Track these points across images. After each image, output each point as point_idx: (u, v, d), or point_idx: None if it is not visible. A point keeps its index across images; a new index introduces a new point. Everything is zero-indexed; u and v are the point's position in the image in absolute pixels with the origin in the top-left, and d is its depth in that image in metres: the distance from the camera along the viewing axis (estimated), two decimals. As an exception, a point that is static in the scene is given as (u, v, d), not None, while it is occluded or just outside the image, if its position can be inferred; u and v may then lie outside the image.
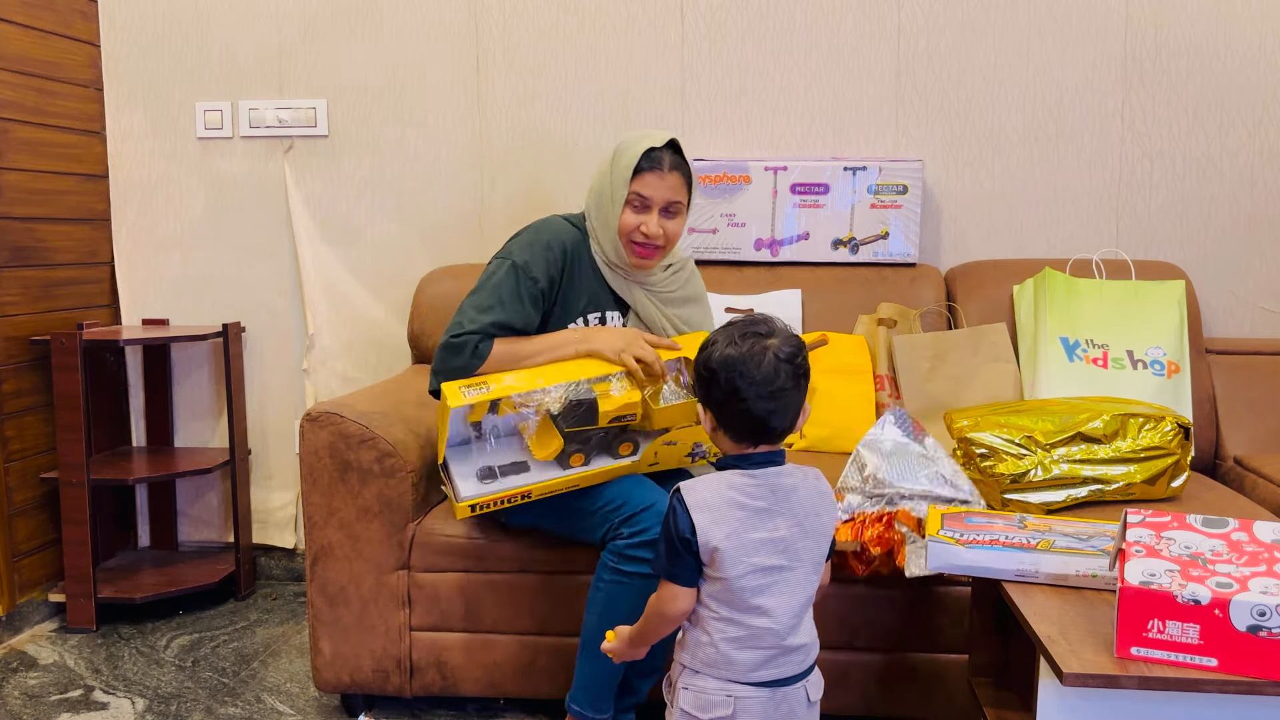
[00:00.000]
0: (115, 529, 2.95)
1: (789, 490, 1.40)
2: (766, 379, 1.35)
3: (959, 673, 1.96)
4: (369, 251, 2.90)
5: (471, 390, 1.78)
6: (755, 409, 1.36)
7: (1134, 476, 2.02)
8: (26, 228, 2.66)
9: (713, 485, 1.39)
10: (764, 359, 1.36)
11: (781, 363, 1.36)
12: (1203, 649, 1.20)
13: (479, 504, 1.83)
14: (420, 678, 2.09)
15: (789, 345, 1.38)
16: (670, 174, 1.91)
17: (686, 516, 1.36)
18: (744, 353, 1.36)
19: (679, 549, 1.37)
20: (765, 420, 1.37)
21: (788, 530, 1.39)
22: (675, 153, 1.93)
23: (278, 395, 2.96)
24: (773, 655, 1.39)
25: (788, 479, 1.40)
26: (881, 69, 2.74)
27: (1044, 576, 1.45)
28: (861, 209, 2.65)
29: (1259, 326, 2.71)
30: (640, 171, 1.90)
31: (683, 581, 1.39)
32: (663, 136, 1.92)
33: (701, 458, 1.91)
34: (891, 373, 2.52)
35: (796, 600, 1.40)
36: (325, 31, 2.86)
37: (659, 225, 1.92)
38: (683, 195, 1.94)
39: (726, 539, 1.35)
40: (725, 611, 1.38)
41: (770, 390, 1.35)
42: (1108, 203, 2.72)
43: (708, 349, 1.40)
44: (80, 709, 2.21)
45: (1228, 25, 2.65)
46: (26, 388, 2.66)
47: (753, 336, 1.38)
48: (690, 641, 1.43)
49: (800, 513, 1.40)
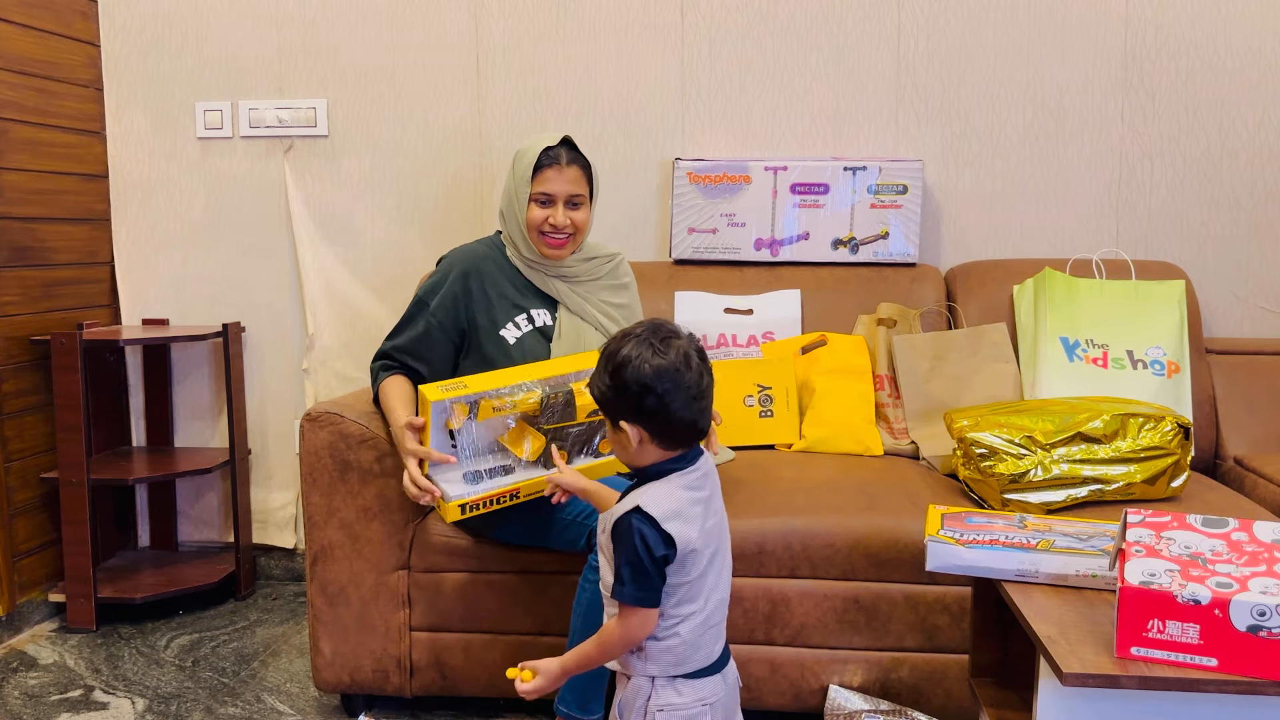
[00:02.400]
0: (115, 529, 2.95)
1: (714, 472, 1.47)
2: (695, 379, 1.38)
3: (959, 673, 1.96)
4: (369, 251, 2.90)
5: (448, 389, 1.80)
6: (688, 413, 1.38)
7: (1134, 476, 2.02)
8: (26, 228, 2.66)
9: (670, 494, 1.39)
10: (691, 361, 1.38)
11: (699, 360, 1.39)
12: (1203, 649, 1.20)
13: (468, 504, 1.81)
14: (420, 678, 2.09)
15: (694, 341, 1.42)
16: (569, 168, 2.02)
17: (659, 533, 1.35)
18: (672, 360, 1.37)
19: (651, 570, 1.36)
20: (696, 422, 1.40)
21: (719, 511, 1.47)
22: (571, 149, 2.05)
23: (278, 395, 2.96)
24: (720, 627, 1.46)
25: (710, 462, 1.47)
26: (881, 69, 2.74)
27: (1044, 576, 1.45)
28: (861, 209, 2.65)
29: (1259, 326, 2.71)
30: (540, 169, 2.02)
31: (652, 604, 1.39)
32: (557, 136, 2.05)
33: None
34: (891, 373, 2.52)
35: (728, 570, 1.48)
36: (325, 31, 2.86)
37: (565, 216, 2.03)
38: (583, 188, 2.05)
39: (699, 537, 1.39)
40: (688, 608, 1.41)
41: (700, 390, 1.38)
42: (1108, 203, 2.72)
43: (631, 364, 1.37)
44: (80, 709, 2.21)
45: (1228, 25, 2.65)
46: (26, 388, 2.66)
47: (666, 338, 1.38)
48: (655, 651, 1.42)
49: (719, 492, 1.48)
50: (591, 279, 2.13)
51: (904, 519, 1.98)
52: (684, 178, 2.69)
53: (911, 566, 1.95)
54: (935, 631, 1.97)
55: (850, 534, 1.97)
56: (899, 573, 1.96)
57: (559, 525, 1.91)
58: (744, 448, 2.43)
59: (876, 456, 2.40)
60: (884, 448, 2.43)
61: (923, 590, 1.97)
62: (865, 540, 1.97)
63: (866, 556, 1.97)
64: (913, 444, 2.42)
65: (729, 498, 2.04)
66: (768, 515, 2.01)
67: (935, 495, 2.09)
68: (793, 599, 1.99)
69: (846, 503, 2.04)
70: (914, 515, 1.98)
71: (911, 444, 2.42)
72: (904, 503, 2.04)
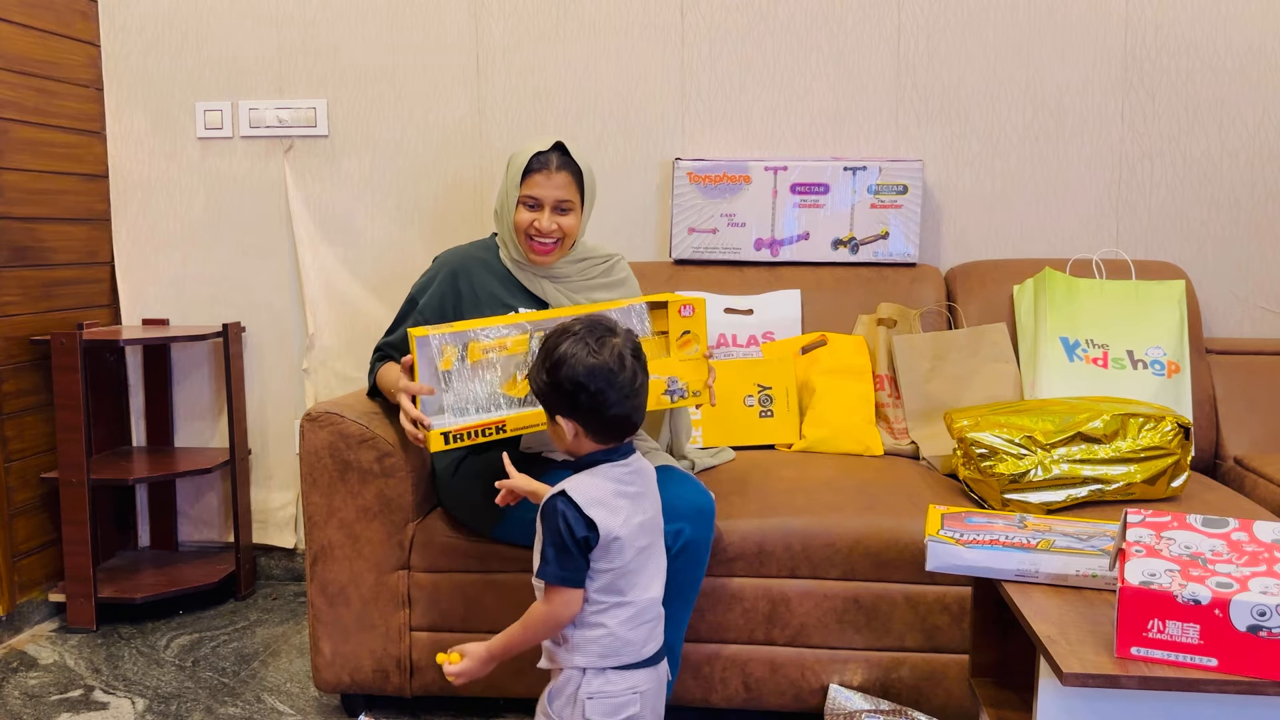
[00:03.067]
0: (115, 529, 2.95)
1: (647, 471, 1.52)
2: (629, 379, 1.44)
3: (959, 673, 1.96)
4: (369, 251, 2.90)
5: (435, 328, 1.84)
6: (621, 409, 1.44)
7: (1134, 476, 2.02)
8: (26, 228, 2.66)
9: (596, 482, 1.45)
10: (625, 361, 1.43)
11: (634, 359, 1.45)
12: (1203, 649, 1.20)
13: (452, 433, 1.79)
14: (420, 678, 2.09)
15: (630, 340, 1.47)
16: (558, 173, 2.02)
17: (581, 516, 1.41)
18: (605, 359, 1.42)
19: (573, 551, 1.41)
20: (630, 417, 1.46)
21: (653, 508, 1.51)
22: (562, 154, 2.04)
23: (278, 395, 2.96)
24: (654, 625, 1.50)
25: (642, 460, 1.52)
26: (881, 69, 2.74)
27: (1044, 576, 1.45)
28: (861, 209, 2.65)
29: (1259, 326, 2.71)
30: (529, 173, 2.03)
31: (576, 583, 1.43)
32: (550, 140, 2.05)
33: (681, 396, 1.93)
34: (891, 373, 2.52)
35: (662, 570, 1.53)
36: (325, 31, 2.86)
37: (552, 221, 2.03)
38: (572, 194, 2.04)
39: (623, 526, 1.43)
40: (614, 599, 1.46)
41: (633, 388, 1.44)
42: (1108, 203, 2.72)
43: (567, 363, 1.43)
44: (80, 709, 2.21)
45: (1228, 25, 2.65)
46: (26, 388, 2.66)
47: (601, 337, 1.44)
48: (580, 640, 1.45)
49: (653, 488, 1.52)
50: (582, 279, 2.13)
51: (904, 519, 1.98)
52: (684, 178, 2.69)
53: (911, 566, 1.95)
54: (935, 631, 1.97)
55: (850, 534, 1.97)
56: (899, 573, 1.96)
57: None
58: (744, 448, 2.43)
59: (876, 456, 2.40)
60: (884, 448, 2.43)
61: (923, 590, 1.97)
62: (865, 540, 1.97)
63: (867, 556, 1.97)
64: (913, 444, 2.42)
65: (729, 498, 2.05)
66: (768, 515, 2.01)
67: (935, 495, 2.09)
68: (793, 599, 1.99)
69: (846, 503, 2.04)
70: (914, 515, 1.98)
71: (911, 444, 2.43)
72: (904, 503, 2.04)
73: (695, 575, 1.90)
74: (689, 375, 1.92)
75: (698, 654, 2.01)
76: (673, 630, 1.91)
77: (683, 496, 1.89)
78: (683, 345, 1.91)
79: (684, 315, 1.91)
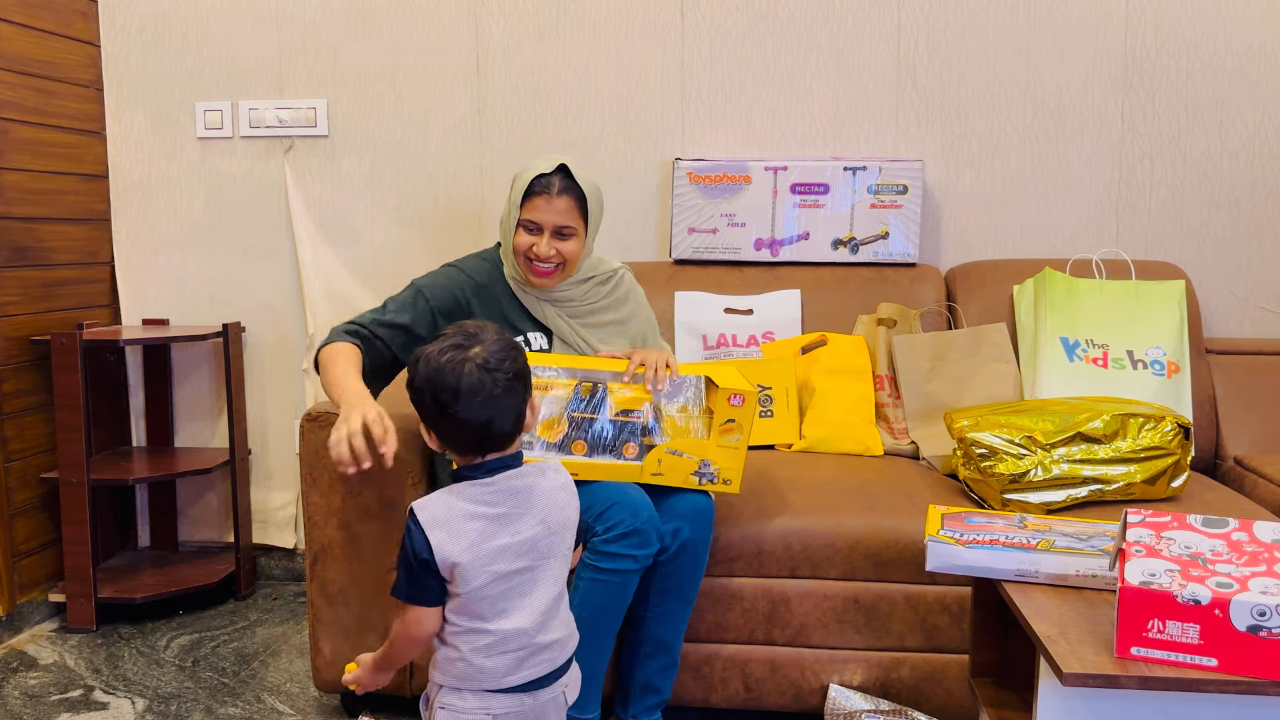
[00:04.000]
0: (115, 529, 2.95)
1: (528, 490, 1.39)
2: (471, 390, 1.34)
3: (959, 673, 1.96)
4: (369, 251, 2.90)
5: None
6: (471, 419, 1.35)
7: (1134, 476, 2.02)
8: (26, 228, 2.66)
9: (445, 500, 1.37)
10: (464, 370, 1.34)
11: (486, 371, 1.34)
12: (1203, 649, 1.20)
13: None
14: (420, 677, 2.08)
15: (493, 352, 1.36)
16: (559, 198, 1.94)
17: (422, 535, 1.33)
18: (443, 366, 1.35)
19: (417, 570, 1.34)
20: (485, 429, 1.36)
21: (532, 531, 1.38)
22: (566, 177, 1.96)
23: (278, 395, 2.96)
24: (524, 657, 1.38)
25: (524, 479, 1.40)
26: (881, 69, 2.74)
27: (1044, 576, 1.45)
28: (861, 209, 2.65)
29: (1259, 326, 2.71)
30: (530, 196, 1.95)
31: (427, 602, 1.36)
32: (554, 162, 1.96)
33: (710, 480, 1.89)
34: (891, 373, 2.52)
35: (546, 597, 1.40)
36: (325, 31, 2.86)
37: (550, 246, 1.95)
38: (573, 219, 1.96)
39: (464, 552, 1.33)
40: (470, 624, 1.36)
41: (480, 400, 1.34)
42: (1108, 203, 2.72)
43: (419, 364, 1.38)
44: (80, 709, 2.21)
45: (1228, 25, 2.65)
46: (26, 388, 2.66)
47: (452, 349, 1.36)
48: (441, 659, 1.40)
49: (543, 510, 1.40)
50: (585, 303, 2.07)
51: (904, 519, 1.98)
52: (684, 178, 2.69)
53: (911, 566, 1.95)
54: (935, 631, 1.97)
55: (850, 534, 1.97)
56: (899, 573, 1.96)
57: None
58: (744, 448, 2.43)
59: (876, 456, 2.40)
60: (884, 448, 2.43)
61: (923, 590, 1.97)
62: (865, 540, 1.97)
63: (866, 556, 1.97)
64: (913, 444, 2.42)
65: (729, 498, 2.04)
66: (767, 515, 2.01)
67: (935, 495, 2.09)
68: (793, 599, 1.99)
69: (846, 503, 2.04)
70: (914, 515, 1.98)
71: (911, 444, 2.43)
72: (904, 503, 2.04)
73: (694, 575, 1.90)
74: (724, 461, 1.88)
75: (698, 654, 2.01)
76: (672, 630, 1.91)
77: (682, 496, 1.89)
78: (724, 431, 1.87)
79: (732, 404, 1.86)
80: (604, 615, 1.82)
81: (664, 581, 1.88)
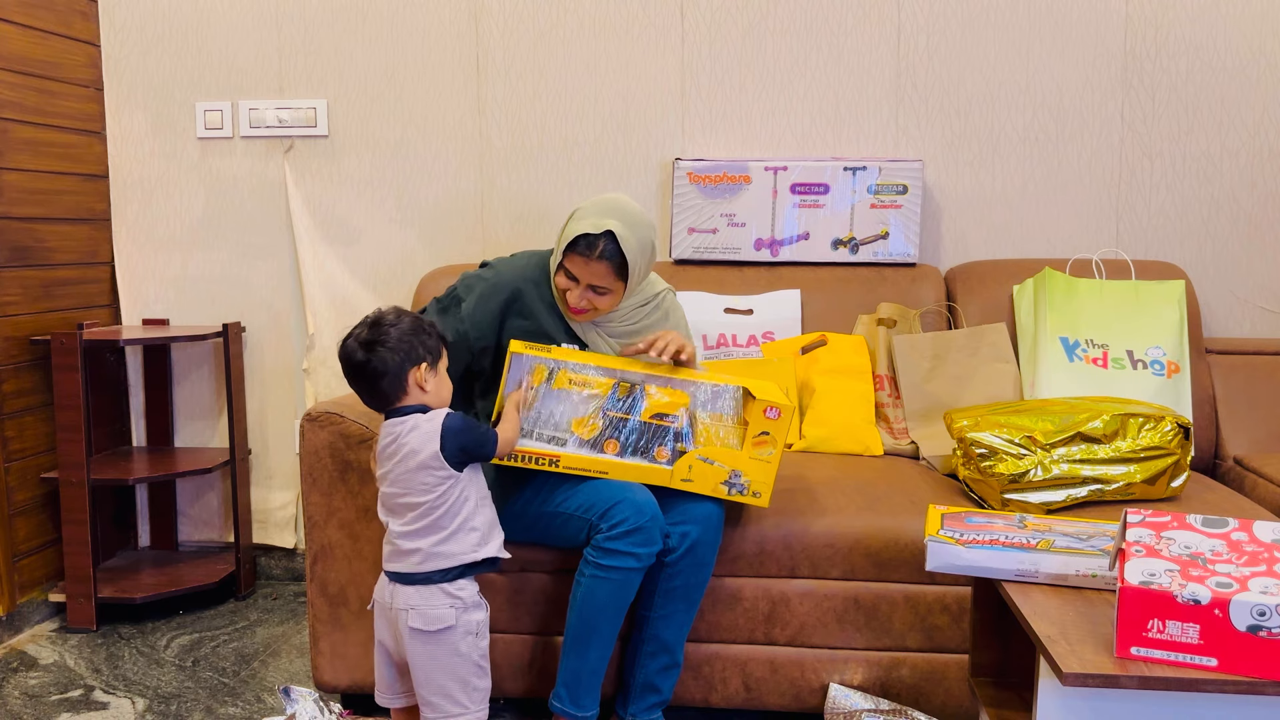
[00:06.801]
0: (115, 529, 2.95)
1: (394, 438, 1.73)
2: (346, 357, 1.73)
3: (959, 673, 1.96)
4: (369, 251, 2.90)
5: (532, 347, 1.87)
6: (353, 385, 1.76)
7: (1134, 476, 2.02)
8: (26, 228, 2.66)
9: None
10: (349, 340, 1.74)
11: (354, 341, 1.72)
12: (1203, 649, 1.20)
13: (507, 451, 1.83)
14: (420, 678, 2.08)
15: (377, 322, 1.73)
16: (597, 262, 1.87)
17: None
18: (348, 339, 1.74)
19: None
20: (364, 390, 1.75)
21: (392, 477, 1.73)
22: (611, 242, 1.86)
23: (278, 395, 2.96)
24: (390, 552, 1.76)
25: (398, 427, 1.72)
26: (881, 69, 2.74)
27: (1044, 576, 1.45)
28: (861, 209, 2.65)
29: (1259, 326, 2.71)
30: (572, 249, 1.88)
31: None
32: (602, 226, 1.86)
33: (740, 492, 1.88)
34: (891, 373, 2.52)
35: (403, 519, 1.74)
36: (325, 31, 2.86)
37: (583, 298, 1.92)
38: (609, 282, 1.89)
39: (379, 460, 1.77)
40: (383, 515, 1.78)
41: (351, 367, 1.73)
42: (1108, 203, 2.72)
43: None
44: (80, 709, 2.21)
45: (1228, 25, 2.65)
46: (26, 388, 2.66)
47: (365, 323, 1.74)
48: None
49: (399, 458, 1.71)
50: (624, 325, 2.02)
51: (904, 519, 1.98)
52: (684, 178, 2.69)
53: (911, 566, 1.95)
54: (935, 631, 1.97)
55: (850, 534, 1.97)
56: (899, 573, 1.96)
57: (559, 521, 1.91)
58: (744, 448, 2.43)
59: (876, 456, 2.40)
60: (884, 448, 2.43)
61: (923, 590, 1.97)
62: (865, 540, 1.97)
63: (866, 556, 1.97)
64: (913, 444, 2.42)
65: (729, 498, 2.04)
66: (767, 515, 2.01)
67: (935, 495, 2.09)
68: (793, 599, 1.99)
69: (846, 503, 2.04)
70: (914, 515, 1.98)
71: (911, 444, 2.43)
72: (904, 503, 2.04)
73: (699, 578, 1.90)
74: (755, 474, 1.88)
75: (698, 654, 2.01)
76: (675, 631, 1.91)
77: (695, 500, 1.90)
78: (758, 444, 1.87)
79: (768, 416, 1.86)
80: (606, 613, 1.83)
81: (669, 583, 1.89)
